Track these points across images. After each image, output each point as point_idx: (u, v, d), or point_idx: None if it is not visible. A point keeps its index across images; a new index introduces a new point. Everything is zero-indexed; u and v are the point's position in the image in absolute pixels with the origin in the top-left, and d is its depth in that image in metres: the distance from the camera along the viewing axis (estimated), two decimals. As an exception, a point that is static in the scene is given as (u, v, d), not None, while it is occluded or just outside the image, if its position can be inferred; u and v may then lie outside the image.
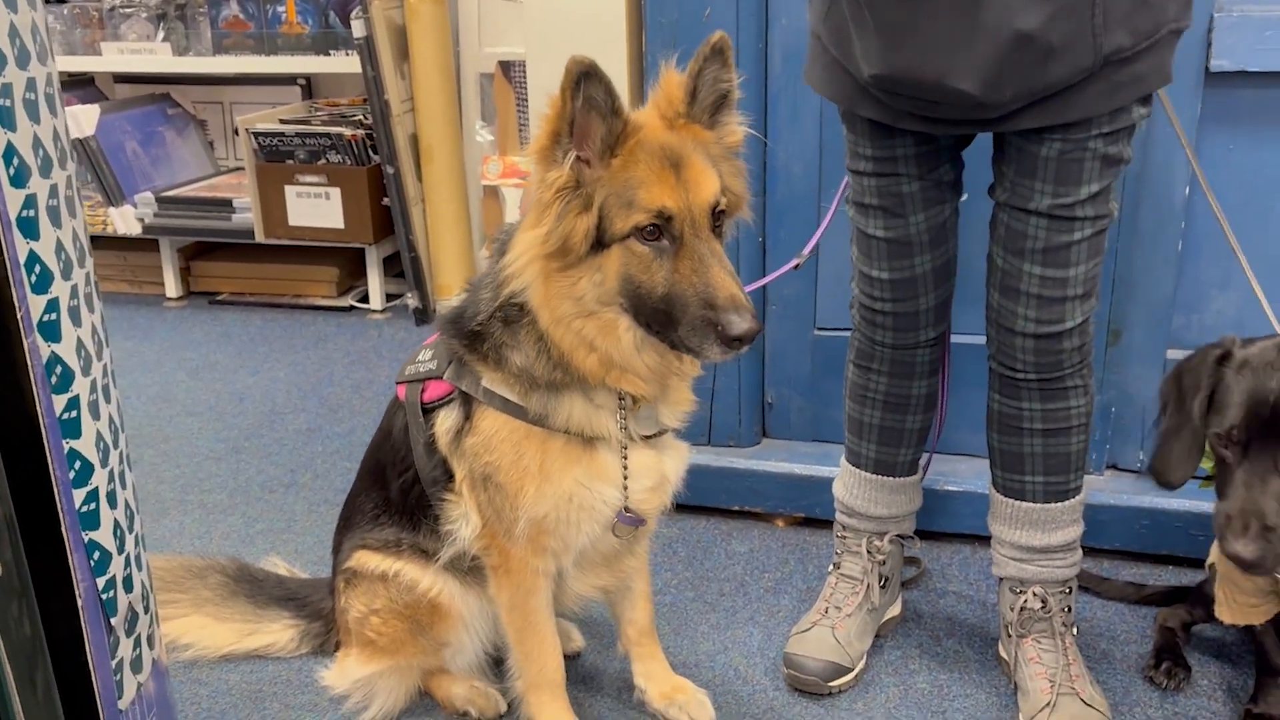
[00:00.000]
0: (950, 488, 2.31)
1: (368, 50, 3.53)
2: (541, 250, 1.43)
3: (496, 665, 1.86)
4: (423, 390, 1.67)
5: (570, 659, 2.01)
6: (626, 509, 1.61)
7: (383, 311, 3.90)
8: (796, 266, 1.95)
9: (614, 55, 2.29)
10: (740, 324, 1.39)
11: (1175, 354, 2.21)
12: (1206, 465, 1.68)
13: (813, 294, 2.40)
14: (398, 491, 1.73)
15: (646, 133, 1.44)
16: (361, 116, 3.86)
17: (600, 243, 1.43)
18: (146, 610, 1.43)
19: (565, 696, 1.75)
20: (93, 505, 1.26)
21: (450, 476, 1.66)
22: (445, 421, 1.64)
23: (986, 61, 1.50)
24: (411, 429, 1.68)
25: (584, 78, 1.35)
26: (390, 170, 3.65)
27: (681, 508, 2.48)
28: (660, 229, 1.41)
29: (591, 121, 1.39)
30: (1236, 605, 1.71)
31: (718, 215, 1.46)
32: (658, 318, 1.44)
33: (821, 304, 2.41)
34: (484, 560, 1.68)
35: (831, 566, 2.06)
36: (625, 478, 1.59)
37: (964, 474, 2.33)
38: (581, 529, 1.60)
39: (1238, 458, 1.45)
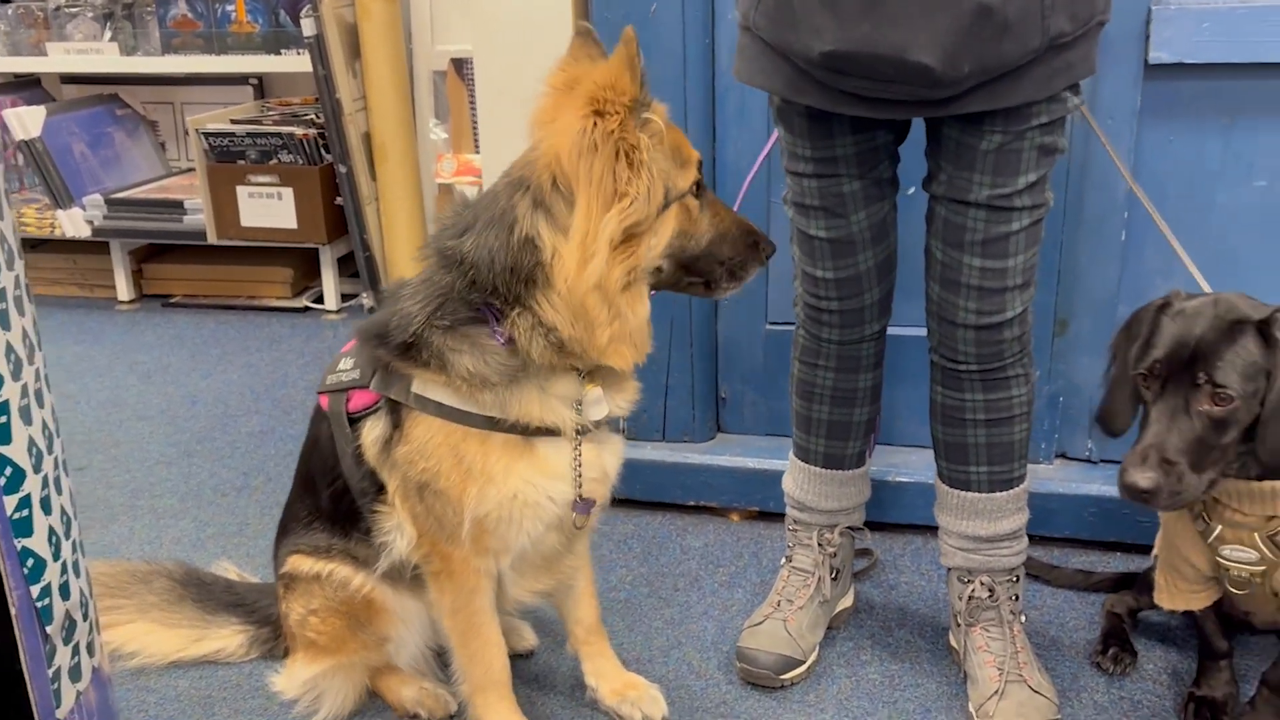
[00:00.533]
0: (902, 479, 2.32)
1: (318, 49, 3.50)
2: (631, 217, 1.43)
3: (445, 666, 1.85)
4: (347, 400, 1.64)
5: (523, 658, 2.01)
6: (581, 496, 1.61)
7: (338, 312, 3.87)
8: None
9: (561, 50, 2.28)
10: (770, 243, 1.62)
11: (1120, 343, 2.24)
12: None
13: (764, 289, 2.41)
14: (328, 500, 1.71)
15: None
16: (314, 116, 3.83)
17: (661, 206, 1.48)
18: (85, 617, 1.41)
19: (512, 697, 1.75)
20: (25, 512, 1.24)
21: (380, 487, 1.64)
22: (372, 431, 1.62)
23: (948, 35, 1.49)
24: (338, 440, 1.65)
25: (636, 43, 1.41)
26: (343, 169, 3.62)
27: (636, 504, 2.49)
28: (699, 182, 1.53)
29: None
30: (1177, 591, 1.74)
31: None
32: (698, 264, 1.56)
33: (773, 298, 2.42)
34: (424, 568, 1.67)
35: (784, 560, 2.07)
36: (578, 465, 1.58)
37: (915, 465, 2.34)
38: (524, 527, 1.59)
39: (1154, 395, 1.47)
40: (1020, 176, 1.64)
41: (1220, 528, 1.59)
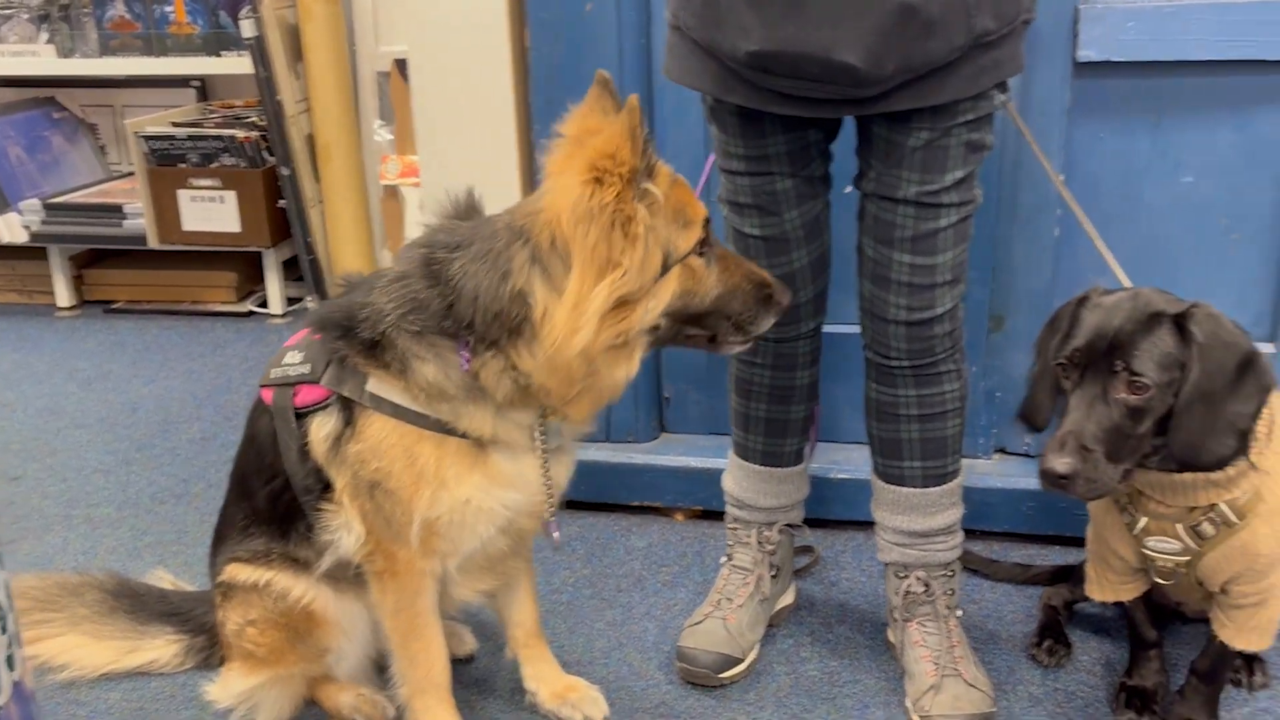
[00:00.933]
0: (843, 475, 2.34)
1: (259, 50, 3.46)
2: (623, 289, 1.40)
3: (383, 671, 1.84)
4: (294, 394, 1.62)
5: (463, 662, 2.00)
6: (552, 532, 1.65)
7: (283, 316, 3.83)
8: None
9: (497, 50, 2.27)
10: (789, 293, 1.60)
11: (1055, 338, 2.26)
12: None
13: (705, 288, 2.41)
14: (265, 500, 1.69)
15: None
16: (256, 118, 3.79)
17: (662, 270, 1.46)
18: (4, 630, 1.38)
19: (451, 700, 1.74)
20: (-66, 525, 1.21)
21: (326, 485, 1.62)
22: (322, 428, 1.59)
23: (872, 34, 1.50)
24: (282, 435, 1.63)
25: (640, 113, 1.38)
26: (286, 172, 3.58)
27: (581, 505, 2.49)
28: (706, 240, 1.51)
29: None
30: (1107, 583, 1.76)
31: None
32: (702, 320, 1.54)
33: (714, 298, 2.42)
34: (367, 567, 1.65)
35: (724, 559, 2.07)
36: (549, 490, 1.60)
37: (857, 462, 2.35)
38: (476, 532, 1.59)
39: (1073, 385, 1.49)
40: (948, 173, 1.66)
41: (1144, 520, 1.61)
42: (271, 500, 1.69)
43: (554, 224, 1.42)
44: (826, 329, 2.22)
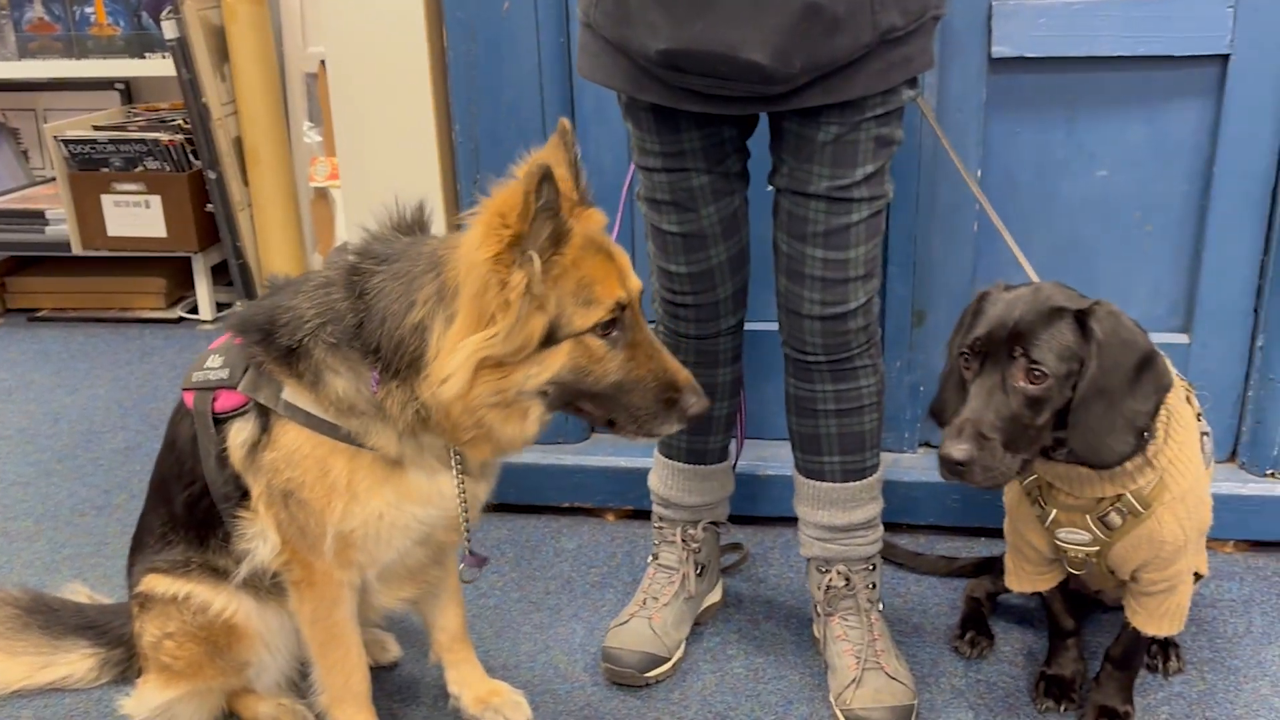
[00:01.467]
0: (771, 472, 2.34)
1: (182, 52, 3.40)
2: (490, 351, 1.38)
3: (305, 678, 1.81)
4: (214, 399, 1.59)
5: (386, 669, 1.98)
6: (470, 551, 1.63)
7: (213, 322, 3.77)
8: None
9: (415, 51, 2.25)
10: (698, 403, 1.47)
11: (977, 332, 2.29)
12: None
13: (631, 287, 2.40)
14: (183, 507, 1.66)
15: (577, 230, 1.42)
16: (182, 121, 3.72)
17: (549, 340, 1.40)
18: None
19: (371, 708, 1.72)
20: None
21: (244, 492, 1.59)
22: (240, 434, 1.57)
23: (777, 33, 1.51)
24: (201, 440, 1.60)
25: (544, 181, 1.33)
26: (212, 175, 3.53)
27: (511, 508, 2.47)
28: (615, 321, 1.43)
29: (541, 224, 1.36)
30: (1024, 574, 1.78)
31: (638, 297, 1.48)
32: (598, 402, 1.46)
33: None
34: (284, 576, 1.63)
35: (650, 558, 2.07)
36: (465, 519, 1.58)
37: (784, 458, 2.33)
38: (393, 545, 1.57)
39: (974, 374, 1.50)
40: (858, 168, 1.67)
41: (1055, 512, 1.63)
42: (190, 507, 1.66)
43: (457, 265, 1.41)
44: (755, 327, 2.23)
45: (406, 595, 1.72)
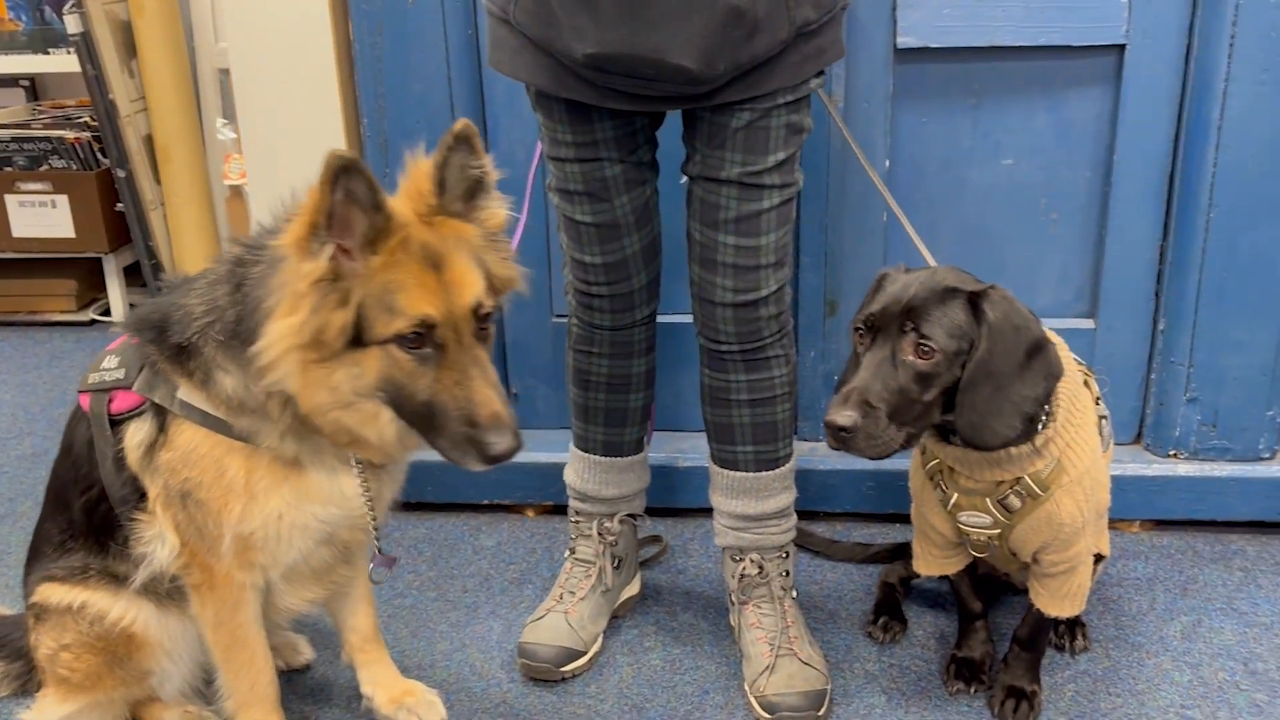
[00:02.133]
0: (690, 464, 2.34)
1: (86, 47, 3.31)
2: (294, 341, 1.34)
3: (211, 683, 1.77)
4: (110, 400, 1.55)
5: (299, 672, 1.95)
6: (379, 551, 1.60)
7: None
8: None
9: (320, 44, 2.22)
10: (500, 444, 1.37)
11: (889, 321, 2.31)
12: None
13: (548, 282, 2.39)
14: (81, 512, 1.62)
15: (409, 230, 1.37)
16: (89, 118, 3.63)
17: (358, 340, 1.35)
18: None
19: (280, 712, 1.68)
20: None
21: (142, 494, 1.55)
22: (136, 435, 1.53)
23: (702, 36, 1.53)
24: (98, 443, 1.56)
25: (343, 171, 1.28)
26: (122, 174, 3.44)
27: (429, 506, 2.45)
28: (423, 337, 1.35)
29: (353, 214, 1.31)
30: (931, 558, 1.80)
31: (483, 317, 1.41)
32: (419, 421, 1.39)
33: (557, 292, 2.40)
34: (185, 579, 1.59)
35: (567, 553, 2.06)
36: (373, 518, 1.55)
37: (703, 449, 2.33)
38: (294, 545, 1.54)
39: (865, 347, 1.53)
40: (770, 155, 1.68)
41: (956, 495, 1.65)
42: (88, 512, 1.61)
43: None
44: (675, 319, 2.24)
45: (313, 596, 1.69)
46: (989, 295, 1.49)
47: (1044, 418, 1.57)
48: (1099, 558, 1.78)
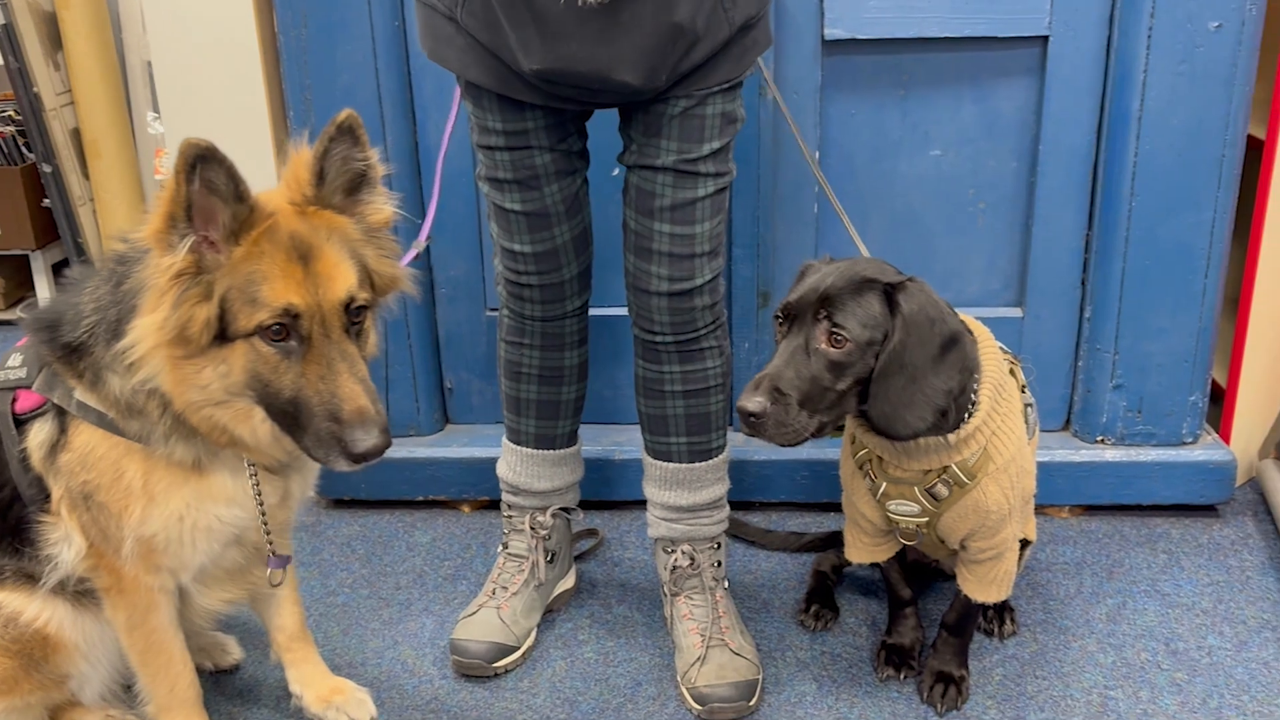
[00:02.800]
0: (626, 457, 2.34)
1: (8, 39, 3.24)
2: (159, 338, 1.32)
3: (129, 687, 1.74)
4: (14, 399, 1.52)
5: (228, 672, 1.92)
6: (273, 552, 1.56)
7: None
8: (416, 256, 1.91)
9: (244, 35, 2.18)
10: (365, 441, 1.32)
11: (822, 311, 2.32)
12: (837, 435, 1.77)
13: (480, 274, 2.37)
14: None
15: (277, 220, 1.33)
16: (12, 112, 3.55)
17: (224, 335, 1.32)
18: None
19: (203, 713, 1.66)
20: None
21: (48, 495, 1.52)
22: (39, 435, 1.50)
23: (645, 53, 1.57)
24: (5, 443, 1.53)
25: (200, 160, 1.24)
26: (48, 169, 3.37)
27: (362, 504, 2.43)
28: (287, 329, 1.32)
29: (214, 204, 1.28)
30: (861, 545, 1.81)
31: (356, 312, 1.38)
32: (285, 419, 1.36)
33: (489, 284, 2.39)
34: (95, 582, 1.56)
35: (500, 547, 2.05)
36: (264, 516, 1.51)
37: (639, 443, 2.35)
38: (198, 548, 1.51)
39: (782, 335, 1.55)
40: (705, 143, 1.70)
41: (885, 484, 1.66)
42: (2, 512, 1.57)
43: None
44: (612, 312, 2.24)
45: (231, 597, 1.66)
46: (905, 287, 1.50)
47: (969, 407, 1.58)
48: (1025, 543, 1.81)
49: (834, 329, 1.48)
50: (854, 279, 1.50)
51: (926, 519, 1.67)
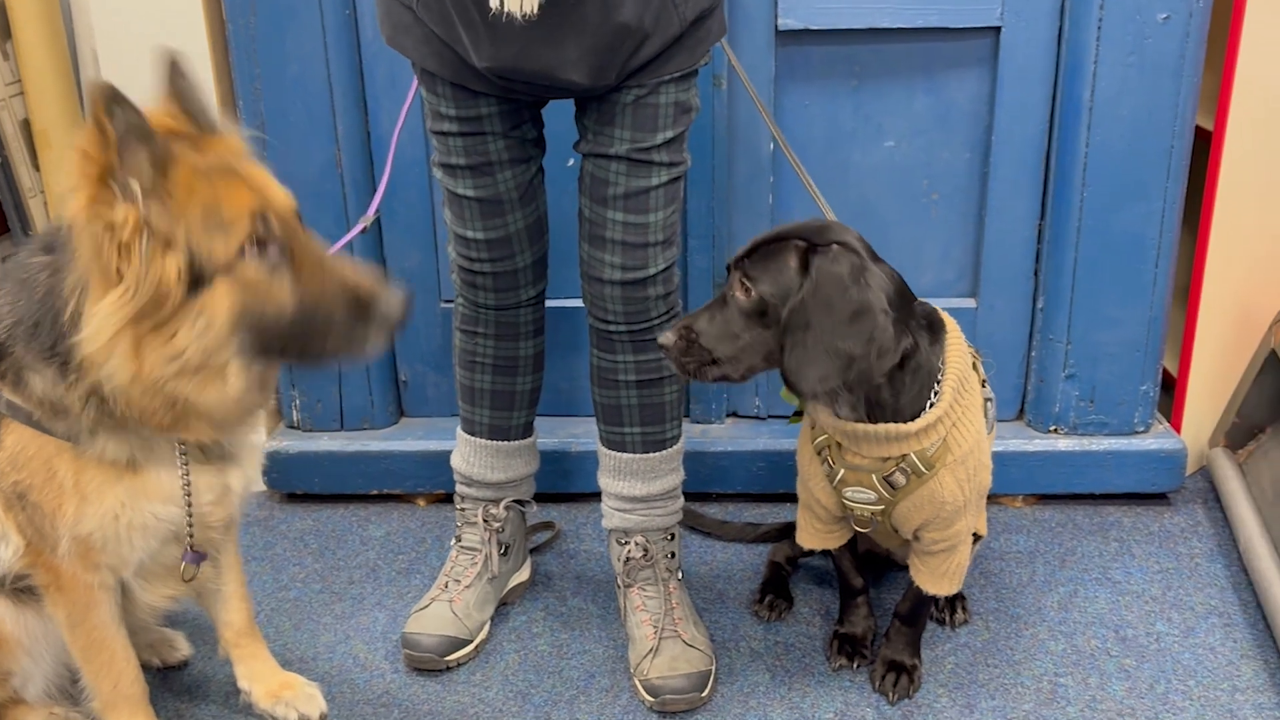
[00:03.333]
0: (584, 449, 2.33)
1: (-45, 27, 3.17)
2: (126, 312, 1.23)
3: (76, 684, 1.72)
4: None
5: (176, 669, 1.90)
6: (191, 547, 1.51)
7: None
8: (364, 230, 1.89)
9: (191, 24, 2.16)
10: (395, 300, 1.33)
11: (778, 302, 2.32)
12: (793, 400, 1.77)
13: (435, 266, 2.35)
14: None
15: (184, 154, 1.27)
16: (-39, 102, 3.48)
17: (198, 281, 1.26)
18: None
19: (149, 710, 1.64)
20: None
21: None
22: None
23: (593, 53, 1.57)
24: None
25: (115, 102, 1.17)
26: (-3, 160, 3.31)
27: (315, 498, 2.41)
28: (265, 240, 1.28)
29: (134, 148, 1.20)
30: (814, 532, 1.81)
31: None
32: (294, 341, 1.32)
33: (444, 276, 2.37)
34: (34, 580, 1.53)
35: (454, 540, 2.04)
36: (189, 512, 1.47)
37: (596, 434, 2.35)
38: (135, 546, 1.48)
39: (718, 290, 1.62)
40: (658, 132, 1.69)
41: (843, 471, 1.66)
42: None
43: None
44: (570, 303, 2.23)
45: (174, 593, 1.63)
46: (825, 250, 1.52)
47: (931, 396, 1.59)
48: (976, 538, 1.82)
49: (744, 279, 1.55)
50: (781, 236, 1.55)
51: (882, 507, 1.67)
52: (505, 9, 1.48)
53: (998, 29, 2.10)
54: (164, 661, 1.90)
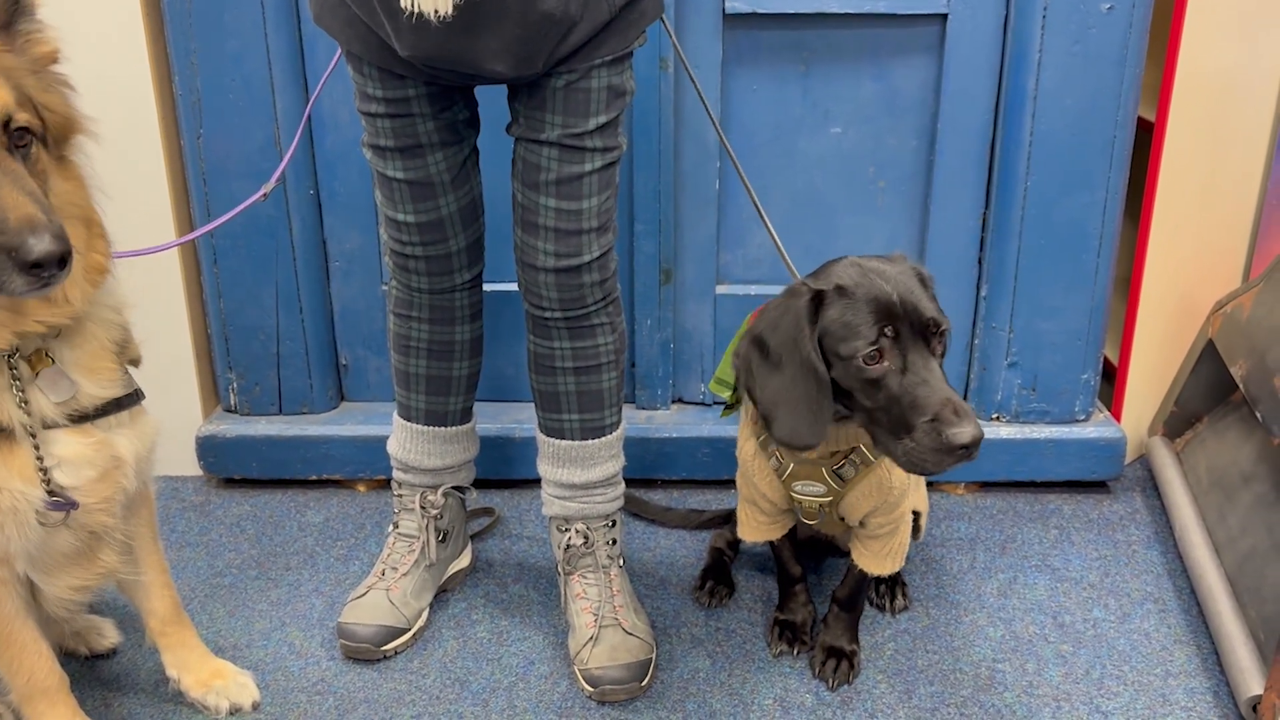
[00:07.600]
0: (524, 434, 2.31)
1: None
2: None
3: None
4: None
5: (104, 657, 1.85)
6: (50, 492, 1.39)
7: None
8: (264, 196, 1.85)
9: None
10: (37, 246, 1.17)
11: (724, 290, 2.31)
12: (725, 394, 1.76)
13: (376, 248, 2.31)
14: None
15: None
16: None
17: None
18: None
19: (69, 700, 1.59)
20: None
21: None
22: None
23: (517, 43, 1.53)
24: None
25: None
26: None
27: (253, 483, 2.36)
28: None
29: None
30: (756, 524, 1.81)
31: (19, 135, 1.25)
32: None
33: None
34: None
35: (391, 527, 2.00)
36: (42, 466, 1.37)
37: (539, 420, 2.33)
38: (10, 534, 1.40)
39: (890, 351, 1.55)
40: (591, 118, 1.66)
41: (793, 465, 1.66)
42: None
43: None
44: (512, 287, 2.20)
45: (82, 583, 1.55)
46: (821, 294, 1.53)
47: None
48: (916, 515, 1.83)
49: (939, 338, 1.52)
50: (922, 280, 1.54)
51: (831, 498, 1.67)
52: (417, 8, 1.45)
53: (944, 16, 2.10)
54: (91, 649, 1.85)
